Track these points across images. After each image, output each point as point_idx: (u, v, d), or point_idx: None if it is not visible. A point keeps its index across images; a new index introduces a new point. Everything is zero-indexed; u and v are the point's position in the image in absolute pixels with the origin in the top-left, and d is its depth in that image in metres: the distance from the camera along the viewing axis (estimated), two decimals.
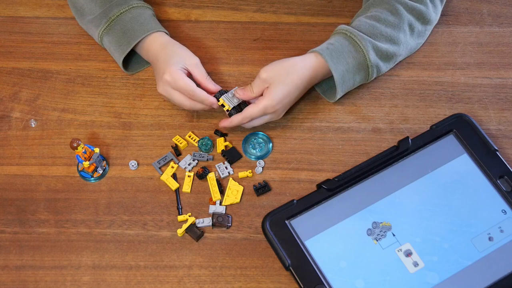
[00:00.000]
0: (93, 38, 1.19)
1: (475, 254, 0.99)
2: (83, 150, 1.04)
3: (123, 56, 1.11)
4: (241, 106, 1.09)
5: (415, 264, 0.98)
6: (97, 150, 1.06)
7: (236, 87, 1.11)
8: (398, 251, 0.99)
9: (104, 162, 1.08)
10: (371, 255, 0.99)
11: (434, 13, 1.14)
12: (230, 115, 1.09)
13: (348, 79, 1.08)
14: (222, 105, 1.08)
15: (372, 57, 1.08)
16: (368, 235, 1.00)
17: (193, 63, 1.08)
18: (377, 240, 1.00)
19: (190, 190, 1.07)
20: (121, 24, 1.11)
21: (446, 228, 1.01)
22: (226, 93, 1.09)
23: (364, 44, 1.07)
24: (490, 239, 1.00)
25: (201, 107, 1.08)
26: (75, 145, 1.02)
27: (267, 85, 1.06)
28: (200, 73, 1.08)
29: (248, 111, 1.06)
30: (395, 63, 1.15)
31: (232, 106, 1.08)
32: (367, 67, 1.09)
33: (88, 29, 1.17)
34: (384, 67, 1.12)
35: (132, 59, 1.17)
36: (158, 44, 1.10)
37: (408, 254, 0.99)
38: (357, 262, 0.99)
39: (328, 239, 1.00)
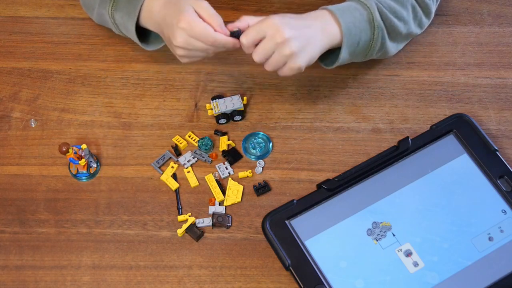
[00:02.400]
0: (93, 38, 1.19)
1: (475, 254, 0.99)
2: (74, 151, 1.04)
3: (134, 22, 1.07)
4: (233, 114, 1.10)
5: (415, 264, 0.98)
6: (84, 146, 1.06)
7: (239, 95, 1.12)
8: (398, 251, 0.99)
9: (94, 157, 1.08)
10: (371, 255, 0.99)
11: (434, 8, 1.14)
12: (217, 119, 1.10)
13: (354, 34, 1.04)
14: (211, 109, 1.09)
15: (378, 17, 1.05)
16: (368, 235, 1.00)
17: (201, 5, 1.02)
18: (377, 240, 1.00)
19: (198, 183, 1.07)
20: None
21: (446, 228, 1.01)
22: (222, 98, 1.08)
23: (370, 3, 1.05)
24: (490, 239, 1.00)
25: (223, 49, 1.02)
26: (64, 149, 1.02)
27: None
28: (208, 14, 1.01)
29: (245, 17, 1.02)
30: (398, 45, 1.12)
31: (222, 112, 1.08)
32: (373, 27, 1.05)
33: (100, 18, 1.14)
34: (389, 41, 1.09)
35: (150, 35, 1.13)
36: (161, 2, 1.04)
37: (408, 254, 0.99)
38: (357, 262, 0.99)
39: (328, 239, 1.00)
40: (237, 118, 1.12)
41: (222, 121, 1.11)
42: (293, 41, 0.99)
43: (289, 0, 1.24)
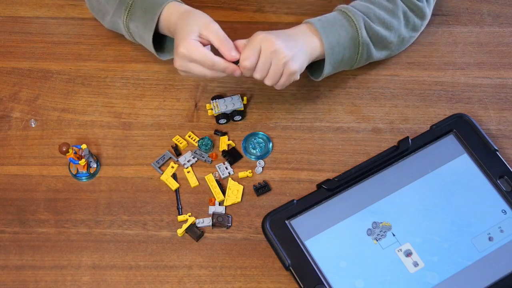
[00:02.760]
0: (93, 38, 1.19)
1: (475, 254, 0.99)
2: (74, 151, 1.04)
3: (152, 33, 1.07)
4: (233, 114, 1.10)
5: (415, 264, 0.98)
6: (84, 146, 1.06)
7: (239, 95, 1.12)
8: (398, 251, 0.99)
9: (94, 157, 1.08)
10: (371, 255, 0.99)
11: (428, 9, 1.14)
12: (217, 119, 1.10)
13: (337, 52, 1.06)
14: (211, 109, 1.09)
15: (364, 33, 1.06)
16: (368, 235, 1.00)
17: (209, 28, 1.02)
18: (377, 240, 1.00)
19: (198, 183, 1.07)
20: (140, 4, 1.08)
21: (446, 228, 1.01)
22: (222, 98, 1.09)
23: (357, 19, 1.06)
24: (490, 239, 1.00)
25: (224, 75, 1.03)
26: (64, 149, 1.02)
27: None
28: (217, 38, 1.02)
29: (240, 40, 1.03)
30: (387, 53, 1.13)
31: (222, 112, 1.08)
32: (358, 44, 1.07)
33: (113, 25, 1.14)
34: (375, 52, 1.10)
35: (165, 44, 1.14)
36: (176, 15, 1.05)
37: (408, 254, 0.99)
38: (357, 262, 0.99)
39: (328, 239, 1.00)
40: (237, 118, 1.12)
41: (222, 121, 1.11)
42: (284, 48, 1.01)
43: (289, 0, 1.24)
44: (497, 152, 1.05)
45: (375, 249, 0.99)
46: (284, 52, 1.00)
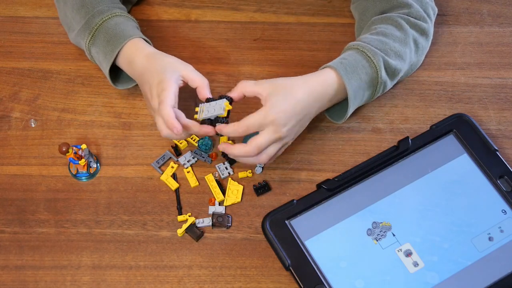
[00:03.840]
0: None
1: (475, 254, 0.99)
2: (74, 151, 1.04)
3: (109, 64, 1.07)
4: (218, 120, 1.02)
5: (415, 264, 0.98)
6: (84, 146, 1.06)
7: (224, 99, 1.02)
8: (398, 251, 0.99)
9: (94, 157, 1.08)
10: (371, 255, 0.99)
11: (432, 28, 1.14)
12: (202, 124, 1.07)
13: (359, 96, 1.05)
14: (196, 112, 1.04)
15: (383, 74, 1.05)
16: (368, 235, 1.00)
17: (189, 69, 1.04)
18: (377, 240, 1.00)
19: (198, 183, 1.07)
20: (104, 32, 1.07)
21: (446, 228, 1.01)
22: (213, 101, 1.03)
23: (377, 60, 1.04)
24: (490, 239, 1.00)
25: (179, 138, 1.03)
26: (64, 149, 1.02)
27: (262, 100, 1.00)
28: (196, 79, 1.03)
29: (244, 120, 0.98)
30: (398, 80, 1.12)
31: (205, 118, 1.02)
32: (377, 84, 1.06)
33: (78, 43, 1.14)
34: (390, 84, 1.10)
35: (121, 75, 1.13)
36: (144, 54, 1.05)
37: (408, 254, 0.99)
38: (357, 262, 0.99)
39: (328, 239, 1.00)
40: (220, 121, 1.06)
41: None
42: (290, 135, 1.01)
43: (289, 0, 1.24)
44: (497, 152, 1.05)
45: (375, 249, 0.99)
46: (286, 139, 1.01)
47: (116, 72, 1.12)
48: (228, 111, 1.02)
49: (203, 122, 1.03)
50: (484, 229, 1.00)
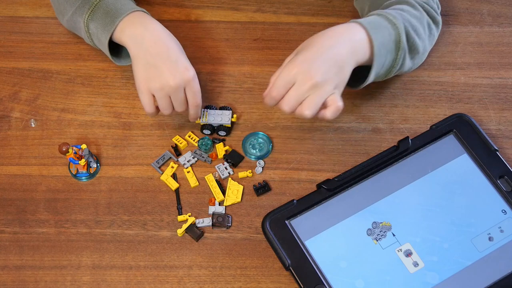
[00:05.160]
0: None
1: (475, 254, 0.99)
2: (74, 151, 1.04)
3: (108, 37, 1.06)
4: (219, 128, 1.09)
5: (415, 264, 0.98)
6: (84, 146, 1.06)
7: (231, 111, 1.10)
8: (398, 251, 0.99)
9: (94, 157, 1.08)
10: (371, 255, 0.99)
11: (440, 22, 1.13)
12: (202, 128, 1.10)
13: (383, 54, 1.02)
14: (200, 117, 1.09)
15: (404, 39, 1.03)
16: (368, 235, 1.00)
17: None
18: (377, 240, 1.00)
19: (198, 183, 1.07)
20: (104, 6, 1.06)
21: (446, 228, 1.01)
22: (214, 109, 1.10)
23: (399, 23, 1.02)
24: (490, 239, 1.00)
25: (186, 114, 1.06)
26: (64, 149, 1.02)
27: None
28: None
29: (272, 81, 0.99)
30: (411, 65, 1.10)
31: (208, 122, 1.08)
32: (398, 49, 1.03)
33: (72, 23, 1.12)
34: (408, 61, 1.07)
35: (122, 50, 1.12)
36: (159, 28, 1.04)
37: (408, 254, 0.99)
38: (357, 262, 0.99)
39: (328, 239, 1.00)
40: (222, 133, 1.10)
41: (206, 131, 1.10)
42: (327, 84, 0.97)
43: (289, 0, 1.24)
44: (497, 152, 1.05)
45: (375, 249, 0.99)
46: (327, 85, 0.97)
47: (118, 51, 1.11)
48: (232, 123, 1.10)
49: (204, 126, 1.09)
50: (484, 229, 1.00)
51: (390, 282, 0.97)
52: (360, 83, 1.05)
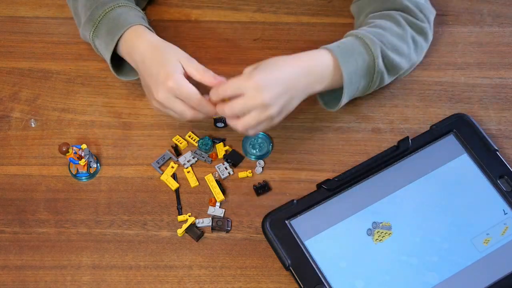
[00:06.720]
0: None
1: (475, 254, 0.99)
2: (74, 151, 1.04)
3: (110, 54, 1.06)
4: (217, 120, 1.08)
5: (415, 264, 0.98)
6: (84, 146, 1.06)
7: None
8: (398, 251, 0.99)
9: (94, 157, 1.08)
10: (371, 255, 0.99)
11: (430, 31, 1.13)
12: (215, 122, 1.10)
13: (354, 82, 1.03)
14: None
15: (380, 63, 1.04)
16: (368, 235, 1.00)
17: (190, 63, 1.01)
18: (377, 240, 1.00)
19: (198, 183, 1.07)
20: (106, 22, 1.06)
21: (446, 228, 1.01)
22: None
23: (374, 48, 1.03)
24: (490, 239, 1.00)
25: (203, 117, 1.01)
26: (64, 149, 1.02)
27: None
28: (197, 71, 1.00)
29: (224, 82, 0.98)
30: (395, 77, 1.11)
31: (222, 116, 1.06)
32: (373, 72, 1.04)
33: (84, 37, 1.13)
34: (387, 78, 1.08)
35: (124, 66, 1.12)
36: (146, 41, 1.03)
37: (408, 254, 0.99)
38: (357, 262, 0.99)
39: (328, 239, 1.00)
40: (220, 125, 1.10)
41: (220, 124, 1.11)
42: (273, 109, 0.97)
43: (289, 0, 1.24)
44: (497, 152, 1.05)
45: (375, 249, 0.99)
46: (272, 110, 0.97)
47: (123, 66, 1.11)
48: None
49: (216, 120, 1.09)
50: (484, 229, 1.00)
51: (390, 282, 0.97)
52: (338, 100, 1.06)
